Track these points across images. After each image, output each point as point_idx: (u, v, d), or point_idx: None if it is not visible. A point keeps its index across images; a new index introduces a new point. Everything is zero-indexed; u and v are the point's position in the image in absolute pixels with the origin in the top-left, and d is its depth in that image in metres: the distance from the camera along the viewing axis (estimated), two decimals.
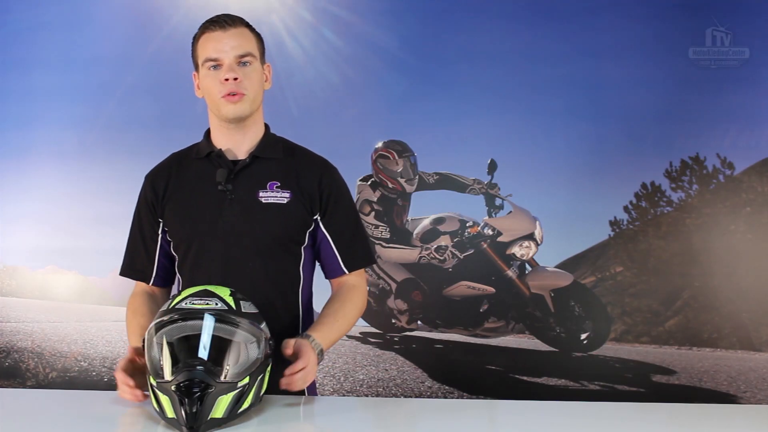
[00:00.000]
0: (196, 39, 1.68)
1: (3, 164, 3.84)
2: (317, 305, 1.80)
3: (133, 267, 1.77)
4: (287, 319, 1.71)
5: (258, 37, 1.70)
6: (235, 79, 1.61)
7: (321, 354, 1.59)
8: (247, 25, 1.68)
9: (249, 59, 1.64)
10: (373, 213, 3.91)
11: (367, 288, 1.82)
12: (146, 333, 1.40)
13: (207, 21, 1.67)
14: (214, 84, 1.63)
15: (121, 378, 1.47)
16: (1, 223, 3.84)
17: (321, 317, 1.69)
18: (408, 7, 3.86)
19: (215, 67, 1.63)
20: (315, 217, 1.70)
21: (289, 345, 1.53)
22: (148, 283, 1.77)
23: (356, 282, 1.76)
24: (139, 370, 1.48)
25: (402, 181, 3.92)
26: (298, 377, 1.49)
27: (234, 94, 1.62)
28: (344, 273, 1.74)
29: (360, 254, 1.75)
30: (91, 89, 3.84)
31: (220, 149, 1.70)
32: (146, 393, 1.44)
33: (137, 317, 1.70)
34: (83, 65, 3.84)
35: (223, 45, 1.62)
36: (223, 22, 1.64)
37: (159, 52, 3.78)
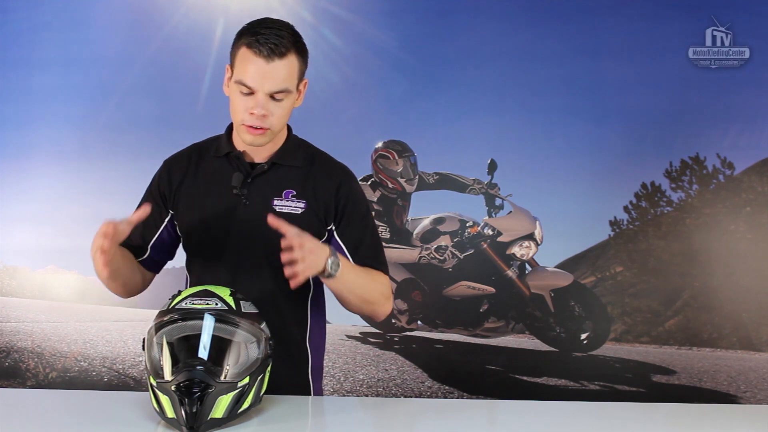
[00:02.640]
0: (238, 45, 1.58)
1: (3, 164, 3.84)
2: (329, 314, 1.79)
3: (125, 242, 1.67)
4: (296, 328, 1.69)
5: (303, 57, 1.61)
6: (263, 115, 1.56)
7: (337, 267, 1.51)
8: (296, 48, 1.58)
9: (282, 96, 1.57)
10: (373, 213, 3.91)
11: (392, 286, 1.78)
12: (146, 333, 1.40)
13: (255, 35, 1.54)
14: (241, 108, 1.57)
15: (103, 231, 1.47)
16: (1, 223, 3.84)
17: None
18: (408, 7, 3.86)
19: (247, 93, 1.56)
20: (329, 228, 1.68)
21: (291, 232, 1.48)
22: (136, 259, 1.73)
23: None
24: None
25: (402, 181, 3.92)
26: (298, 268, 1.44)
27: (256, 128, 1.58)
28: None
29: (372, 260, 1.71)
30: (91, 89, 3.84)
31: (239, 151, 1.66)
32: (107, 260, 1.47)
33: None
34: (83, 65, 3.84)
35: (261, 76, 1.54)
36: (270, 50, 1.53)
37: (159, 52, 3.79)
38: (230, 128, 1.70)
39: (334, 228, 1.68)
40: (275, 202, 1.64)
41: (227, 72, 1.62)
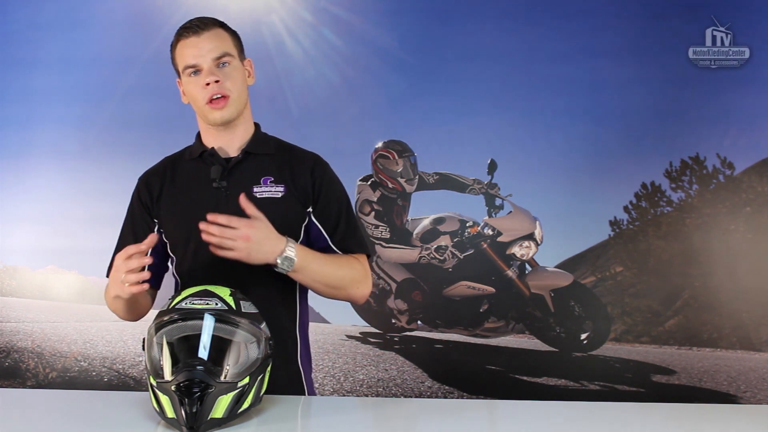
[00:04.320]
0: (173, 47, 1.70)
1: (3, 164, 3.84)
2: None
3: None
4: (285, 313, 1.71)
5: (234, 34, 1.72)
6: (216, 81, 1.63)
7: (289, 262, 1.54)
8: (222, 25, 1.70)
9: (227, 59, 1.66)
10: (373, 213, 3.91)
11: (371, 276, 1.75)
12: (146, 333, 1.40)
13: (180, 28, 1.68)
14: (197, 90, 1.65)
15: (125, 257, 1.46)
16: (1, 223, 3.84)
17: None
18: (408, 7, 3.86)
19: (195, 72, 1.65)
20: (308, 210, 1.71)
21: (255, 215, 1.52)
22: None
23: (357, 257, 1.73)
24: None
25: (402, 181, 3.92)
26: (217, 230, 1.49)
27: (218, 98, 1.64)
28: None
29: (352, 242, 1.72)
30: (91, 89, 3.84)
31: (213, 148, 1.72)
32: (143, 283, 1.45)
33: None
34: (83, 65, 3.84)
35: (199, 50, 1.64)
36: (196, 27, 1.65)
37: (159, 52, 3.78)
38: (199, 134, 1.76)
39: (311, 209, 1.71)
40: (255, 189, 1.68)
41: (179, 86, 1.72)
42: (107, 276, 1.75)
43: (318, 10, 3.79)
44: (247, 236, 1.50)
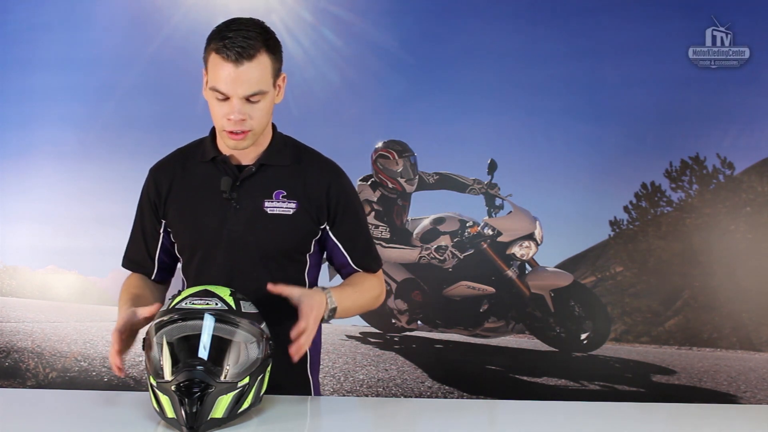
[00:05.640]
0: (208, 48, 1.56)
1: (3, 164, 3.84)
2: None
3: (134, 260, 1.76)
4: (292, 325, 1.70)
5: (275, 53, 1.57)
6: (241, 119, 1.54)
7: (333, 312, 1.58)
8: (266, 45, 1.53)
9: (258, 98, 1.54)
10: (373, 213, 3.91)
11: (384, 284, 1.83)
12: (146, 333, 1.40)
13: (223, 39, 1.51)
14: (218, 115, 1.56)
15: (114, 340, 1.48)
16: (1, 223, 3.84)
17: (340, 285, 1.69)
18: (408, 7, 3.86)
19: (222, 98, 1.54)
20: (322, 226, 1.68)
21: (294, 295, 1.53)
22: (150, 277, 1.76)
23: (373, 274, 1.78)
24: (135, 331, 1.52)
25: (402, 181, 3.92)
26: (302, 341, 1.48)
27: (237, 133, 1.56)
28: (357, 272, 1.76)
29: (370, 258, 1.76)
30: (91, 89, 3.84)
31: (225, 155, 1.66)
32: (125, 371, 1.49)
33: (130, 289, 1.69)
34: (83, 65, 3.84)
35: (233, 81, 1.51)
36: (237, 54, 1.49)
37: (159, 52, 3.78)
38: (214, 131, 1.67)
39: (328, 227, 1.69)
40: (266, 204, 1.63)
41: (204, 76, 1.59)
42: (123, 266, 1.78)
43: (318, 10, 3.79)
44: (314, 330, 1.52)
